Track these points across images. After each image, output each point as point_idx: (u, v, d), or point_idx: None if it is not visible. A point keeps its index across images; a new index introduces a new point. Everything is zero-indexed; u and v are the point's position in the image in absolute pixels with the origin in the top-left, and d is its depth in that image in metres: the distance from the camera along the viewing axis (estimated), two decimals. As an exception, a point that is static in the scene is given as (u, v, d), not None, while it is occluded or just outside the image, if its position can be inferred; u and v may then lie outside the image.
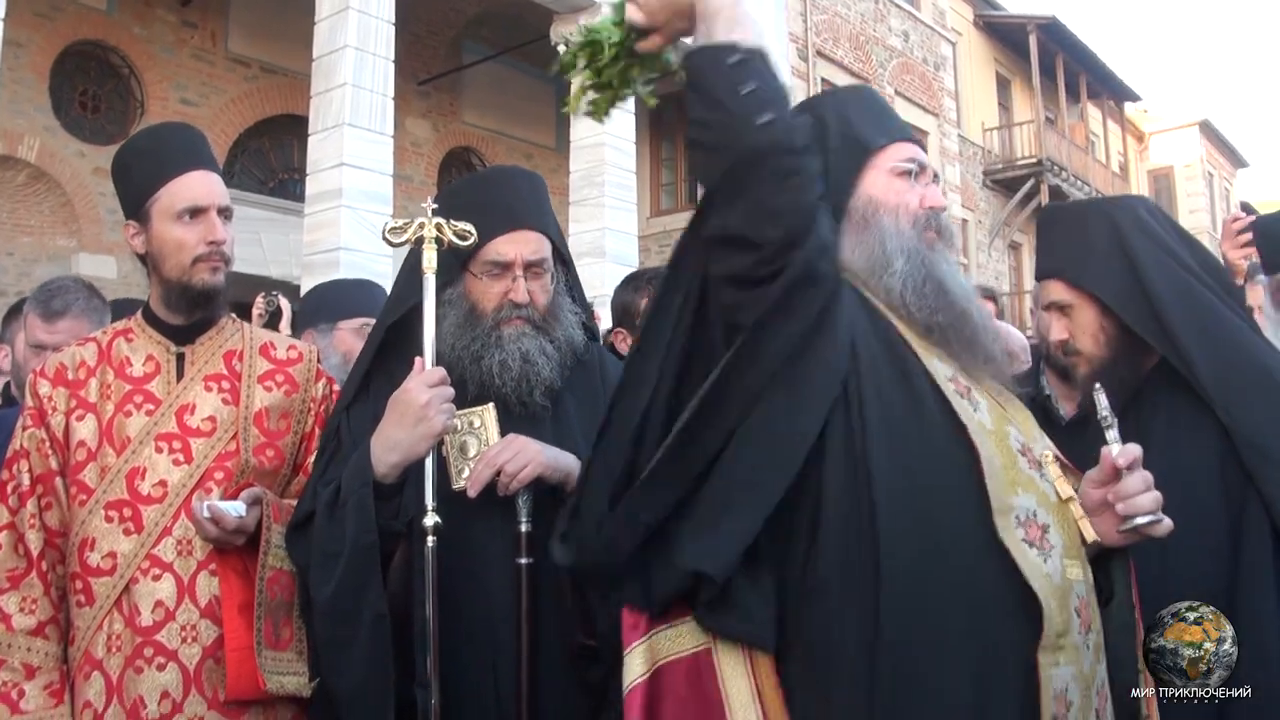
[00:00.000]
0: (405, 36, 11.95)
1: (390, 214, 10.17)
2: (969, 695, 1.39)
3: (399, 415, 1.95)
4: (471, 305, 2.16)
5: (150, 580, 2.10)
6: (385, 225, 2.09)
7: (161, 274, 2.25)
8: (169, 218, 2.20)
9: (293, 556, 2.12)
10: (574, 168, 12.57)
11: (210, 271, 2.23)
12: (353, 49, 9.94)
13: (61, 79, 11.60)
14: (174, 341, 2.29)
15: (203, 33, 12.70)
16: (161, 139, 2.35)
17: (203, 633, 2.11)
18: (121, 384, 2.23)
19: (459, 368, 2.10)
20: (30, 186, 11.24)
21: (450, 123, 15.60)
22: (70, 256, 11.10)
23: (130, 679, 2.07)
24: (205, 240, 2.21)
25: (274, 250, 12.83)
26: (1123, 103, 28.48)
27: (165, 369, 2.26)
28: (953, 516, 1.46)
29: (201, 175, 2.24)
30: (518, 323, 2.13)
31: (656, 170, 17.60)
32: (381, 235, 2.12)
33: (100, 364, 2.25)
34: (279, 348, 2.40)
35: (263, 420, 2.28)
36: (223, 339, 2.34)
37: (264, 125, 13.40)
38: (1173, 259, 2.12)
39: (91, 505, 2.13)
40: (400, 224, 2.08)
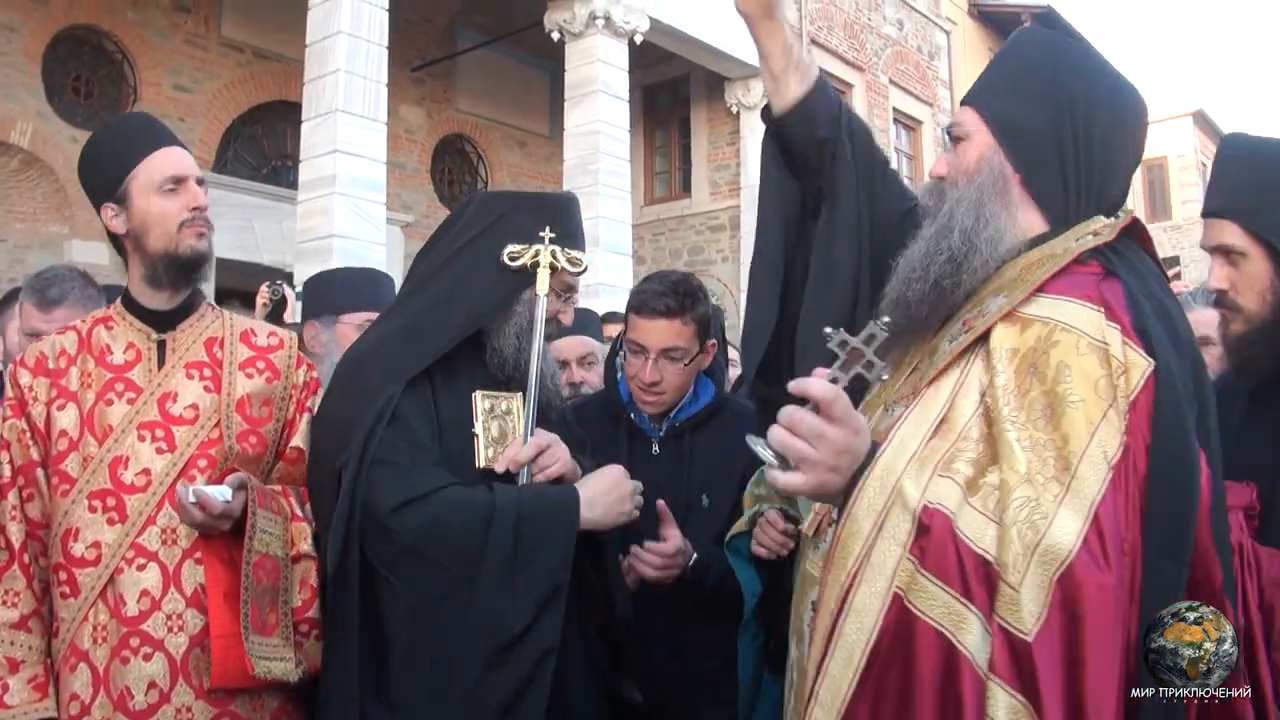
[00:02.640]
0: (399, 23, 11.89)
1: (383, 201, 10.16)
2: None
3: (608, 487, 2.17)
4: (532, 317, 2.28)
5: (135, 570, 2.10)
6: (505, 250, 2.22)
7: (146, 249, 2.24)
8: (151, 190, 2.21)
9: (390, 540, 2.03)
10: (568, 156, 12.54)
11: (196, 236, 2.24)
12: (346, 35, 9.89)
13: (54, 64, 11.53)
14: (155, 329, 2.28)
15: (196, 18, 12.63)
16: (128, 124, 2.44)
17: (189, 622, 2.10)
18: (103, 372, 2.22)
19: (515, 361, 2.23)
20: (23, 172, 11.19)
21: (444, 110, 15.54)
22: (63, 243, 11.07)
23: (117, 670, 2.06)
24: (189, 207, 2.23)
25: (267, 237, 12.80)
26: (1118, 92, 28.43)
27: (146, 357, 2.26)
28: None
29: (176, 149, 2.28)
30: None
31: (650, 158, 17.55)
32: (500, 260, 2.22)
33: (81, 352, 2.24)
34: (259, 334, 2.40)
35: (245, 407, 2.28)
36: (203, 326, 2.33)
37: (257, 111, 13.33)
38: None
39: (74, 495, 2.13)
40: (519, 249, 2.23)
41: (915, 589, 1.38)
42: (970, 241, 1.64)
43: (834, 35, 17.03)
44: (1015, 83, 1.72)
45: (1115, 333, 1.48)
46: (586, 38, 12.43)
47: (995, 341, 1.55)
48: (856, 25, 17.71)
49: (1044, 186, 1.68)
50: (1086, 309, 1.52)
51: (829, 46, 16.80)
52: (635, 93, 13.98)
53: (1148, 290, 1.56)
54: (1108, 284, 1.56)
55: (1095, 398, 1.43)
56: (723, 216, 16.27)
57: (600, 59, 12.39)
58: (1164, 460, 1.41)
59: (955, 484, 1.43)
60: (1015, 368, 1.50)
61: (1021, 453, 1.41)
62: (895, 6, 18.84)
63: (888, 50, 18.39)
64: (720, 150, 16.30)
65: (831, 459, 1.44)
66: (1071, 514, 1.35)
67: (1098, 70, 1.72)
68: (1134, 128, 1.73)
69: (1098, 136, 1.67)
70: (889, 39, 18.49)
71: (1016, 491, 1.37)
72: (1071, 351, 1.47)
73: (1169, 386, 1.44)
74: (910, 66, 19.00)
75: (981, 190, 1.66)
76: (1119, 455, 1.40)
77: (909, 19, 19.21)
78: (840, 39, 17.17)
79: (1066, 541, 1.33)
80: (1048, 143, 1.67)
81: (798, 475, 1.45)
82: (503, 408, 2.22)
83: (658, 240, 16.96)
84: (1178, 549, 1.39)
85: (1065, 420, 1.42)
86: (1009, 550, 1.33)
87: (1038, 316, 1.54)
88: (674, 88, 16.99)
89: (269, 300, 6.03)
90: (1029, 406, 1.46)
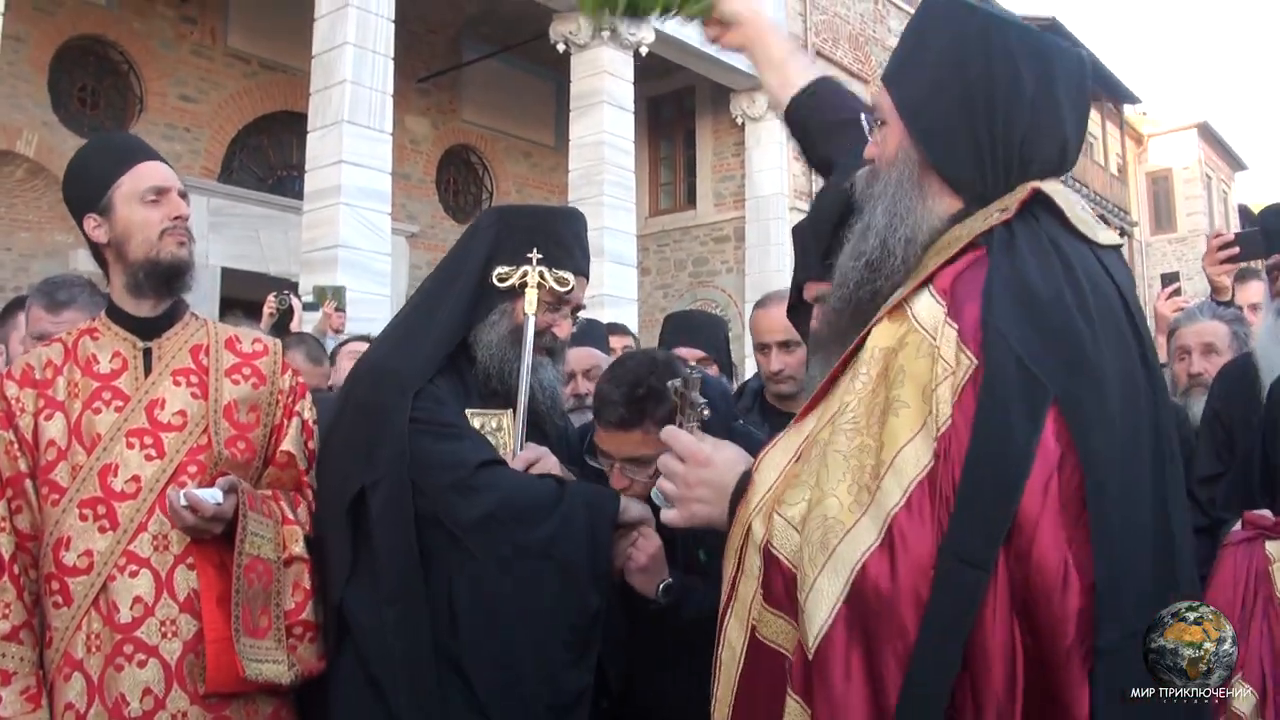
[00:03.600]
0: (405, 34, 11.94)
1: (389, 212, 10.19)
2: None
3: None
4: (519, 325, 2.31)
5: (128, 577, 2.10)
6: (494, 272, 2.30)
7: (128, 257, 2.27)
8: (134, 200, 2.25)
9: (472, 505, 2.10)
10: (573, 166, 12.58)
11: (177, 244, 2.28)
12: (352, 46, 9.95)
13: (60, 74, 11.60)
14: (140, 337, 2.30)
15: (202, 29, 12.70)
16: (112, 139, 2.52)
17: (183, 627, 2.11)
18: (89, 381, 2.23)
19: (499, 373, 2.27)
20: (28, 182, 11.24)
21: (449, 120, 15.60)
22: (68, 252, 11.10)
23: (111, 677, 2.06)
24: (170, 216, 2.27)
25: (272, 247, 12.84)
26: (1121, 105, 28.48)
27: (133, 365, 2.27)
28: None
29: (158, 164, 2.33)
30: (543, 354, 2.35)
31: (655, 169, 17.58)
32: (491, 279, 2.30)
33: (67, 362, 2.25)
34: (244, 341, 2.42)
35: (232, 413, 2.29)
36: (188, 334, 2.35)
37: (263, 122, 13.40)
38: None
39: (65, 504, 2.13)
40: (507, 271, 2.30)
41: (763, 622, 1.44)
42: (885, 245, 1.56)
43: (839, 47, 17.06)
44: (919, 62, 1.60)
45: (951, 331, 1.38)
46: (592, 49, 12.48)
47: (871, 340, 1.47)
48: (861, 37, 17.75)
49: (957, 170, 1.55)
50: (935, 304, 1.42)
51: (834, 59, 16.83)
52: (640, 104, 14.01)
53: (1023, 272, 1.41)
54: (972, 272, 1.44)
55: (920, 404, 1.35)
56: (727, 228, 16.29)
57: (605, 70, 12.44)
58: (976, 466, 1.32)
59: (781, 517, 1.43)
60: (879, 370, 1.43)
61: (840, 463, 1.38)
62: (900, 19, 18.87)
63: (893, 62, 18.44)
64: (725, 162, 16.34)
65: (690, 492, 1.59)
66: (870, 522, 1.32)
67: (1004, 35, 1.57)
68: (1061, 84, 1.57)
69: (1009, 106, 1.53)
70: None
71: (817, 509, 1.36)
72: (912, 353, 1.39)
73: (990, 388, 1.33)
74: (915, 78, 19.04)
75: (898, 184, 1.57)
76: (929, 465, 1.33)
77: (914, 31, 19.26)
78: (845, 51, 17.21)
79: (854, 554, 1.31)
80: (956, 124, 1.54)
81: (671, 510, 1.63)
82: (493, 424, 2.25)
83: (662, 251, 16.98)
84: (980, 556, 1.29)
85: (887, 427, 1.36)
86: (806, 562, 1.35)
87: (910, 313, 1.44)
88: (679, 99, 17.04)
89: (276, 310, 6.05)
90: (870, 410, 1.40)
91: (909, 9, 18.99)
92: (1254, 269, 4.34)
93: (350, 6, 9.98)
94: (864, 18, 17.90)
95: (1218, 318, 3.61)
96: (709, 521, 1.58)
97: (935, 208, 1.56)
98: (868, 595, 1.29)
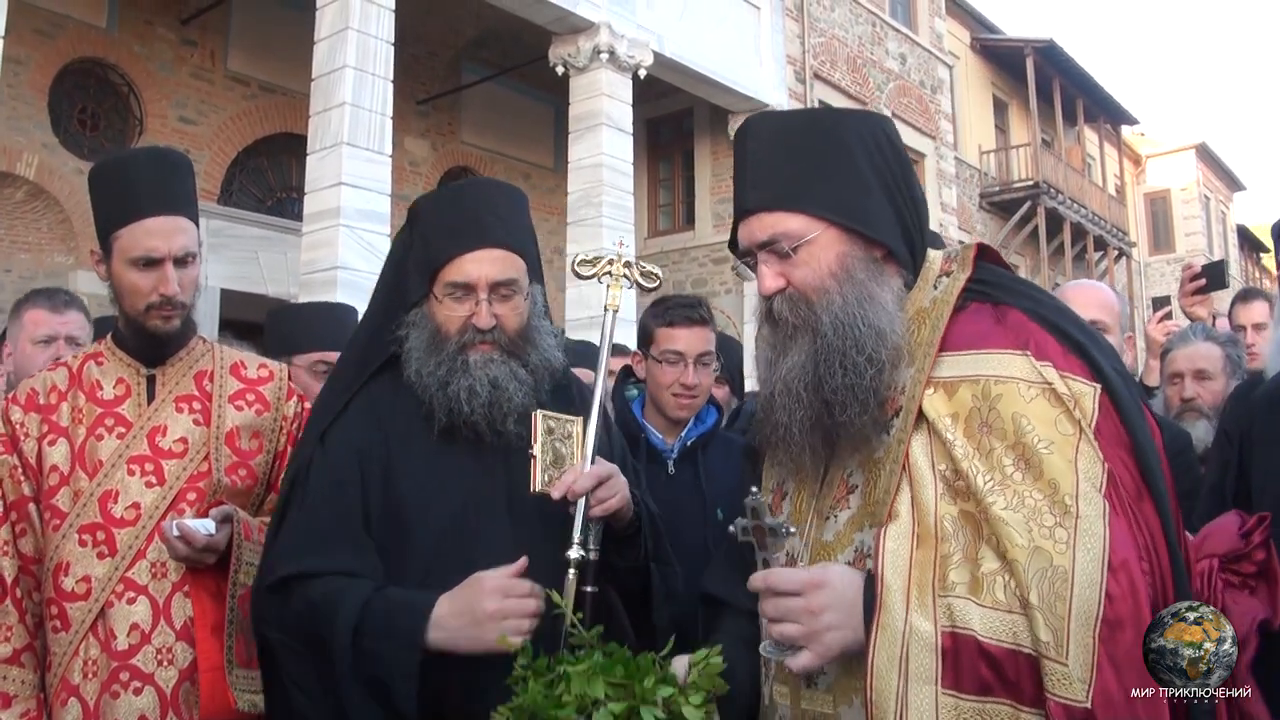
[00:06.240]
0: (404, 56, 11.98)
1: (388, 234, 10.20)
2: None
3: (460, 608, 1.80)
4: (435, 328, 2.02)
5: (125, 604, 2.10)
6: (575, 258, 2.11)
7: (121, 305, 2.27)
8: (124, 262, 2.20)
9: (265, 619, 1.94)
10: (572, 188, 12.60)
11: (163, 320, 2.24)
12: (352, 69, 9.97)
13: (61, 96, 11.62)
14: (144, 364, 2.30)
15: (202, 51, 12.74)
16: (133, 171, 2.26)
17: (179, 655, 2.11)
18: (93, 407, 2.23)
19: (427, 394, 1.99)
20: (28, 204, 11.26)
21: (449, 142, 15.64)
22: (68, 274, 11.10)
23: (107, 704, 2.07)
24: (157, 291, 2.20)
25: (271, 269, 12.84)
26: (1119, 126, 28.58)
27: (136, 391, 2.27)
28: None
29: (163, 222, 2.19)
30: (484, 348, 2.01)
31: (654, 191, 17.62)
32: (570, 267, 2.12)
33: (71, 388, 2.26)
34: (249, 367, 2.41)
35: (234, 440, 2.29)
36: (193, 360, 2.34)
37: (262, 144, 13.42)
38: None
39: (65, 529, 2.13)
40: (591, 258, 2.09)
41: (965, 717, 1.34)
42: (874, 360, 1.54)
43: (837, 69, 17.13)
44: (820, 170, 1.61)
45: (1050, 369, 1.47)
46: (591, 72, 12.52)
47: (931, 412, 1.49)
48: (859, 60, 17.83)
49: (900, 249, 1.62)
50: (1010, 356, 1.49)
51: (832, 80, 16.90)
52: (639, 126, 14.06)
53: (1042, 305, 1.57)
54: (1009, 319, 1.54)
55: (1061, 436, 1.42)
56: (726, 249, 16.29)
57: (604, 93, 12.48)
58: (1152, 467, 1.45)
59: (959, 598, 1.38)
60: (963, 431, 1.47)
61: (1016, 521, 1.38)
62: (898, 41, 18.97)
63: (890, 84, 18.50)
64: (724, 183, 16.37)
65: (817, 622, 1.43)
66: (1087, 555, 1.34)
67: (861, 118, 1.68)
68: (902, 149, 1.70)
69: (906, 176, 1.65)
70: (891, 73, 18.60)
71: (1028, 565, 1.34)
72: (1019, 400, 1.45)
73: (1122, 399, 1.47)
74: (913, 100, 19.10)
75: (861, 288, 1.57)
76: (1105, 481, 1.40)
77: (911, 54, 19.33)
78: (843, 73, 17.28)
79: (1094, 594, 1.31)
80: (886, 207, 1.61)
81: (805, 654, 1.45)
82: (563, 431, 1.99)
83: (661, 272, 16.98)
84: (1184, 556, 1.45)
85: (1046, 467, 1.40)
86: (1043, 629, 1.31)
87: (962, 377, 1.50)
88: (677, 121, 17.09)
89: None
90: (998, 465, 1.43)
91: (907, 31, 19.11)
92: (1258, 289, 4.35)
93: (350, 29, 10.02)
94: (862, 40, 17.98)
95: (1211, 340, 3.54)
96: (844, 647, 1.44)
97: (893, 286, 1.60)
98: (1119, 628, 1.32)
